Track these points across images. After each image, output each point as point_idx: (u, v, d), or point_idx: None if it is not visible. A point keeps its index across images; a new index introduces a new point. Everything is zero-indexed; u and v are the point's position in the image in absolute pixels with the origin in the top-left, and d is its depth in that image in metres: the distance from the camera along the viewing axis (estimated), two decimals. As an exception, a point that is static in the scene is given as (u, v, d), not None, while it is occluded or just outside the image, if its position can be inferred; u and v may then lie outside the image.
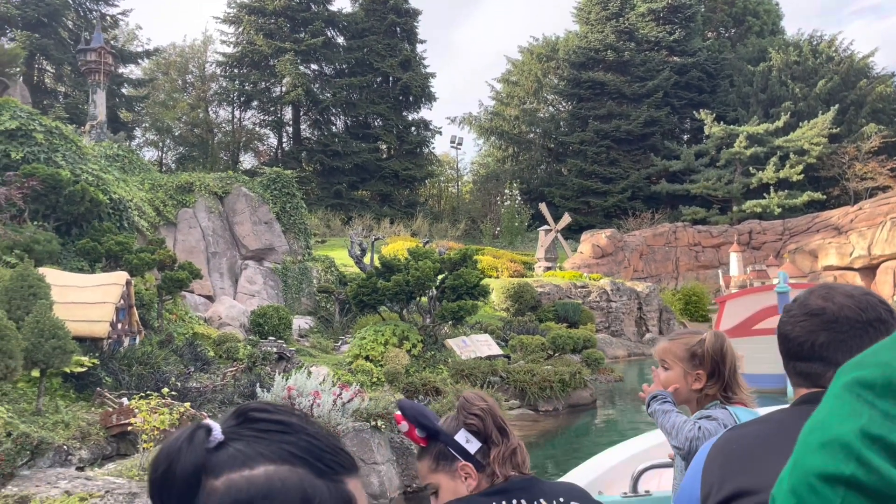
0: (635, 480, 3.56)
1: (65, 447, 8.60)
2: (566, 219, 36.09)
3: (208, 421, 0.75)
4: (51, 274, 11.65)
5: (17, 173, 15.21)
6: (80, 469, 7.99)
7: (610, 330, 28.78)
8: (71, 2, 40.71)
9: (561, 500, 1.76)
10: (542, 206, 37.12)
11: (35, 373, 9.51)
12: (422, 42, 54.17)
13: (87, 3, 42.29)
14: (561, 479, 3.10)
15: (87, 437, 9.10)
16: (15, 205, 14.72)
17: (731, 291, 24.67)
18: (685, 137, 58.12)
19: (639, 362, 26.23)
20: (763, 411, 1.92)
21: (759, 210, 45.26)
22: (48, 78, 41.61)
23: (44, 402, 9.47)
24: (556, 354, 19.65)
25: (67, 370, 9.85)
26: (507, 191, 48.83)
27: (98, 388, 10.47)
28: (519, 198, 48.62)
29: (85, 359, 10.39)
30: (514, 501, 1.71)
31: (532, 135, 59.40)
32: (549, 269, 33.64)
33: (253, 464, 0.71)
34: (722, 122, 49.18)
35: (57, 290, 10.93)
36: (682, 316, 33.67)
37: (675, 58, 55.11)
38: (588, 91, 54.61)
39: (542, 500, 1.74)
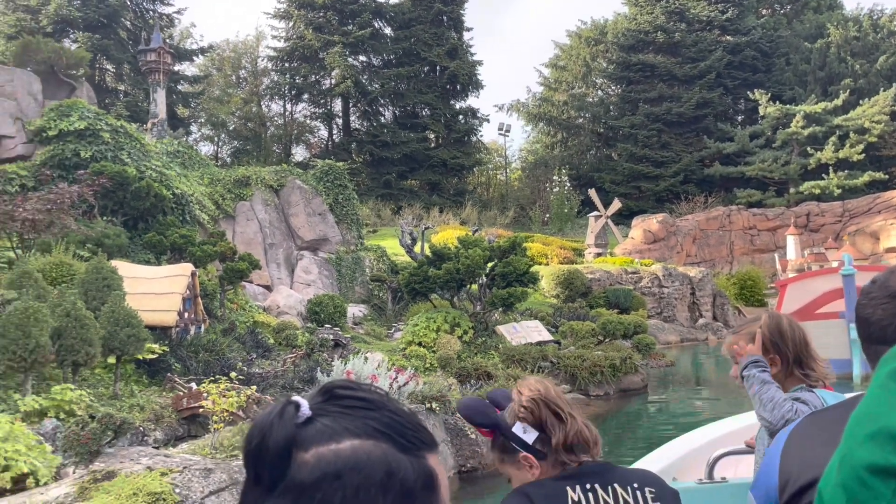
0: (711, 467, 3.48)
1: (141, 428, 9.20)
2: (616, 204, 35.83)
3: (297, 398, 0.79)
4: (122, 266, 12.34)
5: (88, 171, 16.06)
6: (156, 448, 8.56)
7: (662, 315, 28.59)
8: (129, 2, 42.16)
9: (635, 485, 1.76)
10: (592, 192, 36.90)
11: (111, 359, 10.17)
12: (468, 30, 54.17)
13: (144, 4, 43.73)
14: (634, 465, 3.22)
15: (161, 419, 9.70)
16: (86, 201, 15.55)
17: (788, 275, 24.15)
18: (739, 119, 56.72)
19: (692, 347, 26.06)
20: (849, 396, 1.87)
21: (817, 191, 43.99)
22: (109, 77, 43.19)
23: (120, 387, 10.13)
24: (607, 340, 19.72)
25: (140, 357, 10.50)
26: (556, 177, 48.52)
27: (168, 374, 11.10)
28: (568, 184, 48.27)
29: (156, 346, 11.03)
30: (588, 486, 1.71)
31: (581, 120, 58.84)
32: (599, 255, 33.53)
33: (340, 438, 0.75)
34: (778, 102, 47.84)
35: (128, 282, 11.61)
36: (737, 301, 33.13)
37: (727, 37, 53.74)
38: (638, 74, 53.79)
39: (616, 486, 1.74)
